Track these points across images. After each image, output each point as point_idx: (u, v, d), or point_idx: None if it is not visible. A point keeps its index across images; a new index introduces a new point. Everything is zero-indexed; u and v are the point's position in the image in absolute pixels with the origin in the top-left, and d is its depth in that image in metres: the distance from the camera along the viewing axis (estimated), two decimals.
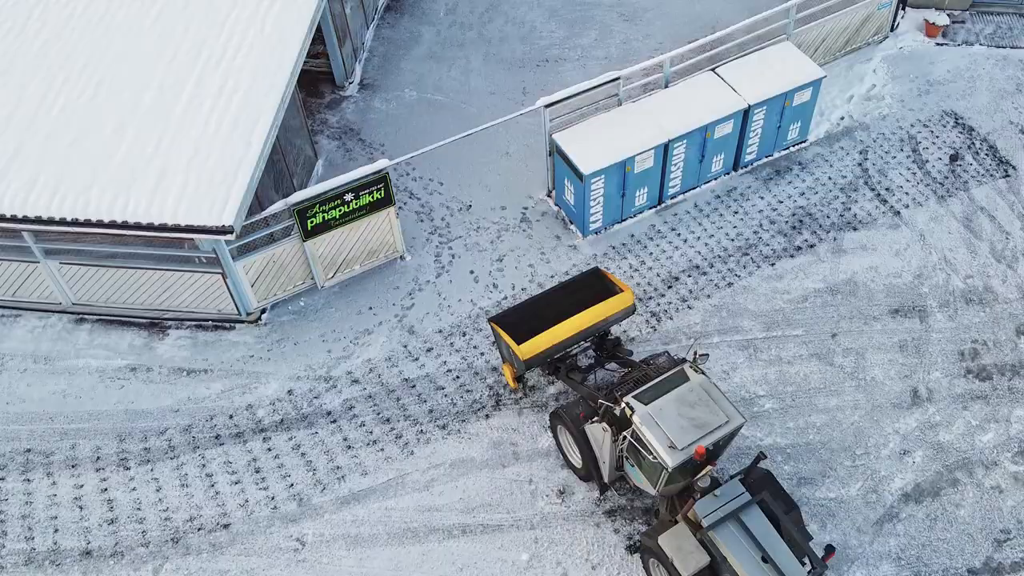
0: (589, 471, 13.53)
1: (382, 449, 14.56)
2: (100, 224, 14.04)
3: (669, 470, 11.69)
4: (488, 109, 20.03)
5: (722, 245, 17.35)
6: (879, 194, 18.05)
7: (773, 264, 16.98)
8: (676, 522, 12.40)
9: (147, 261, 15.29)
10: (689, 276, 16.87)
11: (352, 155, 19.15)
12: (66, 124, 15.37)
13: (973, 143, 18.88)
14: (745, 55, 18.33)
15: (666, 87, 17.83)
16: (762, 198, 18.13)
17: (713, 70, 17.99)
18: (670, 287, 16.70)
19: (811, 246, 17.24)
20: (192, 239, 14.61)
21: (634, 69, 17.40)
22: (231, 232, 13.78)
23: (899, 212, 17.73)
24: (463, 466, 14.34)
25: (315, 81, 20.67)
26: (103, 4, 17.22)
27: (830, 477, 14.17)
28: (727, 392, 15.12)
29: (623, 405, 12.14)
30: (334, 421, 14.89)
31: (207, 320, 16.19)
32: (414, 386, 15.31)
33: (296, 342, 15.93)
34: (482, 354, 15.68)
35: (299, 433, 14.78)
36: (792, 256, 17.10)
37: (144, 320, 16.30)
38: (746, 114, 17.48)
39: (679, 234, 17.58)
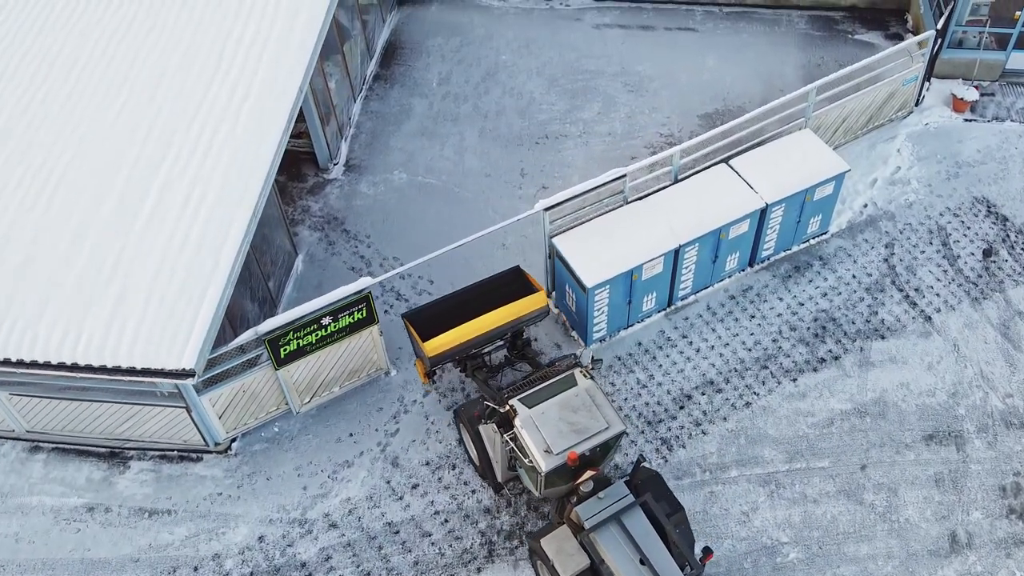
0: (485, 470, 13.60)
1: None
2: (49, 366, 12.60)
3: (542, 474, 11.77)
4: (483, 193, 18.62)
5: (738, 356, 15.88)
6: (908, 295, 16.57)
7: (795, 379, 15.51)
8: (563, 523, 12.41)
9: (104, 394, 13.85)
10: (703, 394, 15.40)
11: (335, 248, 17.71)
12: (17, 239, 13.98)
13: (1008, 235, 17.40)
14: (761, 141, 16.90)
15: (675, 181, 16.38)
16: (780, 299, 16.66)
17: (727, 161, 16.53)
18: (682, 407, 15.23)
19: (836, 358, 15.77)
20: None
21: (640, 165, 15.94)
22: (192, 376, 12.34)
23: (930, 317, 16.25)
24: None
25: (297, 162, 19.26)
26: (64, 95, 15.83)
27: None
28: (746, 538, 13.68)
29: (507, 407, 12.21)
30: (309, 575, 13.42)
31: (172, 450, 14.74)
32: (398, 532, 13.84)
33: (269, 476, 14.47)
34: (473, 491, 14.21)
35: None
36: (815, 370, 15.62)
37: (104, 449, 14.85)
38: (763, 212, 16.02)
39: (691, 342, 16.11)
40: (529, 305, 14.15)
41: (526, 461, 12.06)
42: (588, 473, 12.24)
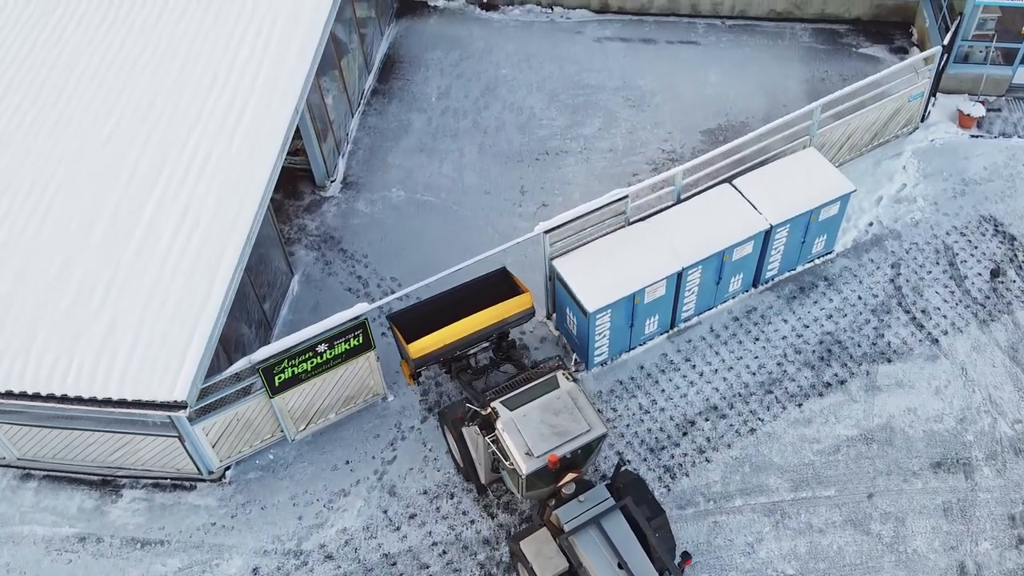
0: (469, 472, 13.60)
1: None
2: (38, 397, 12.32)
3: (523, 476, 11.79)
4: (483, 211, 18.34)
5: (742, 380, 15.60)
6: (914, 317, 16.28)
7: (800, 405, 15.22)
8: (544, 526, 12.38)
9: (96, 423, 13.57)
10: (706, 420, 15.11)
11: (331, 269, 17.42)
12: (6, 266, 13.67)
13: (1015, 255, 17.11)
14: (765, 160, 16.62)
15: (678, 201, 16.09)
16: (785, 321, 16.37)
17: (730, 181, 16.25)
18: (685, 434, 14.94)
19: (842, 382, 15.48)
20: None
21: (642, 186, 15.67)
22: (184, 408, 12.06)
23: (937, 340, 15.96)
24: None
25: (294, 179, 18.96)
26: (54, 117, 15.53)
27: None
28: (751, 570, 13.39)
29: (489, 409, 12.21)
30: None
31: (165, 479, 14.45)
32: (395, 563, 13.55)
33: (263, 506, 14.19)
34: (472, 522, 13.92)
35: None
36: (821, 395, 15.33)
37: (96, 477, 14.57)
38: (767, 234, 15.73)
39: (694, 366, 15.82)
40: (514, 307, 14.17)
41: (507, 464, 12.11)
42: (570, 476, 12.27)
